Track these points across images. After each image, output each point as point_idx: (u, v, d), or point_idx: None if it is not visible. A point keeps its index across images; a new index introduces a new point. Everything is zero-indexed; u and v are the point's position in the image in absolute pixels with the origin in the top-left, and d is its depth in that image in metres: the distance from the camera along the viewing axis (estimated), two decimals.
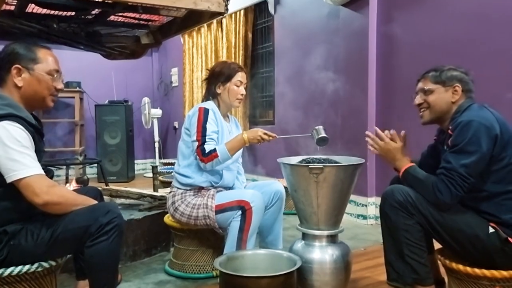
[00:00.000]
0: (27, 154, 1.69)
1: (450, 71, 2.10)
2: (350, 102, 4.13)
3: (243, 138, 2.43)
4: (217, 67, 2.66)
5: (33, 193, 1.67)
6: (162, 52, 7.94)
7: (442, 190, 1.92)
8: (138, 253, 2.96)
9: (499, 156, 1.91)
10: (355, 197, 4.02)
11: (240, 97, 2.63)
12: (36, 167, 1.70)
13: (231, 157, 2.44)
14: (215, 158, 2.40)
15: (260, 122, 5.73)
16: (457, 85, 2.07)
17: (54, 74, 1.87)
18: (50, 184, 1.73)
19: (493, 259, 1.91)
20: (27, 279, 1.74)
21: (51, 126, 7.01)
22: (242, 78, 2.62)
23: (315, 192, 2.20)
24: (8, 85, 1.82)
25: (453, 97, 2.08)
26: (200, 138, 2.44)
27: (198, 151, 2.43)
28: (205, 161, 2.42)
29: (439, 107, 2.10)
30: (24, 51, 1.83)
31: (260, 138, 2.41)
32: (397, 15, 3.82)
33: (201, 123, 2.47)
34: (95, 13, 3.33)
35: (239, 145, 2.45)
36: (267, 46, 5.65)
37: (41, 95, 1.86)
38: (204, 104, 2.57)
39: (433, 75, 2.13)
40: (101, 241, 1.75)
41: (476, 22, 3.22)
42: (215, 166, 2.46)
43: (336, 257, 2.25)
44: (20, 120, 1.71)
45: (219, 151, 2.40)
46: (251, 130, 2.47)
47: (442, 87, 2.10)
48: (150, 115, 6.97)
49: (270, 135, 2.44)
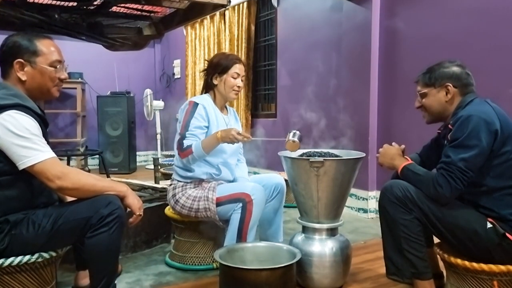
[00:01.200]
0: (39, 140, 1.70)
1: (440, 70, 2.09)
2: (352, 95, 4.12)
3: (217, 136, 2.36)
4: (215, 58, 2.65)
5: (47, 178, 1.68)
6: (164, 43, 7.92)
7: (442, 184, 1.92)
8: (138, 245, 2.97)
9: (499, 151, 1.91)
10: (356, 191, 4.02)
11: (236, 89, 2.61)
12: (48, 151, 1.71)
13: (206, 154, 2.41)
14: (189, 154, 2.39)
15: (262, 115, 5.73)
16: (448, 84, 2.06)
17: (56, 65, 1.86)
18: (65, 169, 1.73)
19: (491, 254, 1.92)
20: (27, 269, 1.75)
21: (53, 117, 7.02)
22: (239, 70, 2.60)
23: (315, 186, 2.21)
24: (12, 78, 1.82)
25: (446, 96, 2.07)
26: (182, 132, 2.45)
27: (177, 145, 2.45)
28: (181, 156, 2.43)
29: (434, 108, 2.12)
30: (25, 44, 1.81)
31: (232, 137, 2.32)
32: (400, 9, 3.80)
33: (187, 118, 2.48)
34: (97, 3, 3.32)
35: (213, 143, 2.38)
36: (270, 39, 5.63)
37: (46, 87, 1.87)
38: (195, 98, 2.57)
39: (423, 78, 2.14)
40: (101, 232, 1.76)
41: (479, 17, 3.20)
42: (192, 162, 2.45)
43: (336, 250, 2.26)
44: (26, 109, 1.72)
45: (194, 148, 2.38)
46: (225, 129, 2.38)
47: (433, 88, 2.10)
48: (152, 107, 6.97)
49: (245, 136, 2.35)
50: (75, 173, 1.77)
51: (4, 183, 1.71)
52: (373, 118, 3.97)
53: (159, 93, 7.88)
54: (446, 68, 2.08)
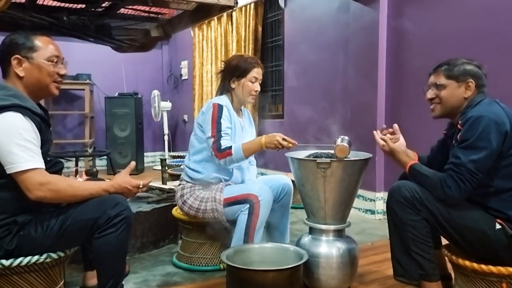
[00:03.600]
0: (27, 147, 1.68)
1: (463, 65, 2.06)
2: (359, 96, 4.11)
3: (261, 141, 2.36)
4: (234, 60, 2.61)
5: (26, 188, 1.68)
6: (172, 45, 7.95)
7: (451, 185, 1.91)
8: (146, 245, 2.98)
9: (507, 152, 1.89)
10: (363, 192, 4.01)
11: (254, 93, 2.59)
12: (33, 161, 1.68)
13: (245, 158, 2.40)
14: (228, 156, 2.37)
15: (269, 116, 5.73)
16: (471, 81, 2.03)
17: (54, 59, 1.85)
18: (44, 180, 1.70)
19: (499, 256, 1.90)
20: (35, 269, 1.76)
21: (61, 118, 7.08)
22: (257, 74, 2.58)
23: (322, 187, 2.20)
24: (11, 76, 1.82)
25: (466, 92, 2.04)
26: (216, 134, 2.41)
27: (213, 147, 2.40)
28: (219, 157, 2.39)
29: (450, 103, 2.08)
30: (22, 40, 1.81)
31: (277, 143, 2.31)
32: (408, 9, 3.79)
33: (216, 119, 2.44)
34: (105, 6, 3.34)
35: (255, 148, 2.39)
36: (277, 40, 5.63)
37: (44, 83, 1.85)
38: (218, 100, 2.53)
39: (446, 70, 2.08)
40: (109, 233, 1.77)
41: (486, 16, 3.18)
42: (228, 164, 2.44)
43: (343, 252, 2.25)
44: (24, 110, 1.71)
45: (234, 150, 2.36)
46: (270, 135, 2.36)
47: (455, 82, 2.06)
48: (160, 108, 6.99)
49: (290, 142, 2.34)
50: (55, 182, 1.73)
51: (9, 184, 1.71)
52: (381, 119, 3.95)
53: (166, 94, 7.91)
54: (468, 65, 2.05)
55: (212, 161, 2.49)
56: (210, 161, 2.51)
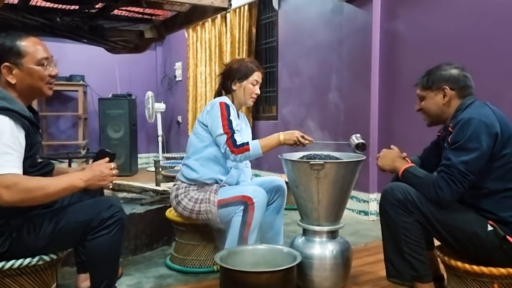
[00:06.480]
0: (3, 152, 1.61)
1: (438, 72, 2.09)
2: (353, 98, 4.13)
3: (279, 138, 2.40)
4: (235, 64, 2.64)
5: None
6: (166, 46, 7.93)
7: (442, 187, 1.93)
8: (139, 247, 2.97)
9: (499, 154, 1.91)
10: (357, 193, 4.02)
11: (254, 96, 2.63)
12: (5, 166, 1.60)
13: (262, 154, 2.41)
14: (246, 152, 2.37)
15: (263, 118, 5.73)
16: (445, 87, 2.06)
17: (44, 62, 1.81)
18: (11, 182, 1.59)
19: (491, 257, 1.92)
20: (28, 272, 1.76)
21: (55, 120, 7.05)
22: (258, 77, 2.62)
23: (315, 188, 2.21)
24: (2, 82, 1.78)
25: (444, 99, 2.08)
26: (229, 130, 2.41)
27: (229, 143, 2.39)
28: (235, 152, 2.38)
29: (433, 111, 2.14)
30: (9, 46, 1.76)
31: (296, 139, 2.38)
32: (401, 11, 3.81)
33: (226, 117, 2.44)
34: (99, 7, 3.33)
35: (273, 144, 2.41)
36: (270, 42, 5.64)
37: (37, 87, 1.82)
38: (223, 99, 2.54)
39: (422, 81, 2.15)
40: (102, 235, 1.77)
41: (480, 19, 3.20)
42: (243, 160, 2.45)
43: (336, 253, 2.25)
44: (12, 113, 1.67)
45: (252, 146, 2.37)
46: (288, 132, 2.42)
47: (431, 91, 2.11)
48: (154, 109, 6.98)
49: (307, 139, 2.40)
50: (24, 182, 1.63)
51: None
52: (374, 121, 3.97)
53: (160, 95, 7.90)
54: (443, 71, 2.08)
55: (212, 160, 2.51)
56: (210, 160, 2.51)
